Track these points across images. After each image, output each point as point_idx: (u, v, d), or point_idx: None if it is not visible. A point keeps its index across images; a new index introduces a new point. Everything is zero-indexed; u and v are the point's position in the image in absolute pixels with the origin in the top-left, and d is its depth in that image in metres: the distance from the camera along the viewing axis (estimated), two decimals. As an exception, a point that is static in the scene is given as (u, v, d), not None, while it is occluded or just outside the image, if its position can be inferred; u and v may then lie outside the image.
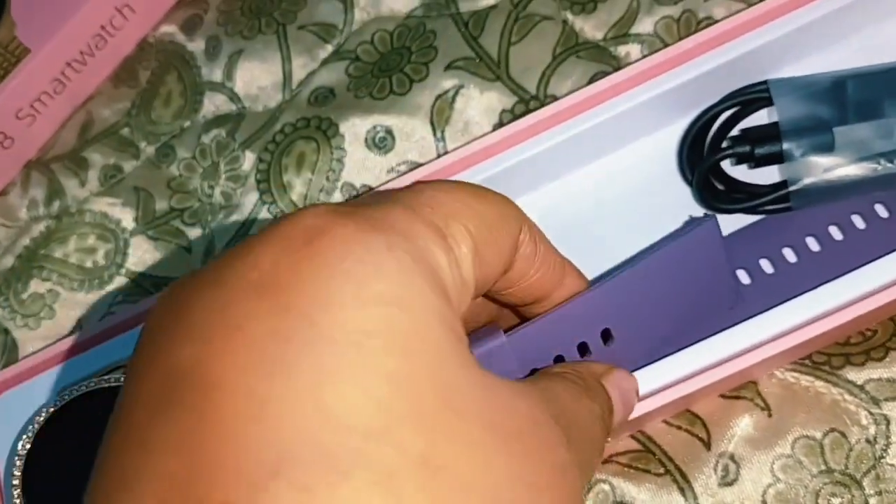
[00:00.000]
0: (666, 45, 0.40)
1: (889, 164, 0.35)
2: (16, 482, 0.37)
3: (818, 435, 0.35)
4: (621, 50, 0.41)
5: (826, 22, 0.37)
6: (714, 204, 0.37)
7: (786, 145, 0.36)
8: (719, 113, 0.38)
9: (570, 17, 0.42)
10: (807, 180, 0.36)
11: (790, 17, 0.37)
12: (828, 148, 0.36)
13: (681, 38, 0.40)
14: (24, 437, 0.37)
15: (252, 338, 0.18)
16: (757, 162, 0.37)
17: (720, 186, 0.38)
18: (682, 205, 0.38)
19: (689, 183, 0.38)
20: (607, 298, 0.29)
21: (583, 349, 0.30)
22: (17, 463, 0.37)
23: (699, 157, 0.38)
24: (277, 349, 0.18)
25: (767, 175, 0.37)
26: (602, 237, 0.39)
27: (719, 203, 0.37)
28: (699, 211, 0.38)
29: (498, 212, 0.24)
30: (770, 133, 0.37)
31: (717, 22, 0.40)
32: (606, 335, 0.30)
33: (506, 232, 0.24)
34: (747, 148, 0.37)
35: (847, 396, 0.35)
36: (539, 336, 0.28)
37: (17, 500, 0.37)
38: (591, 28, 0.42)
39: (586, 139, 0.38)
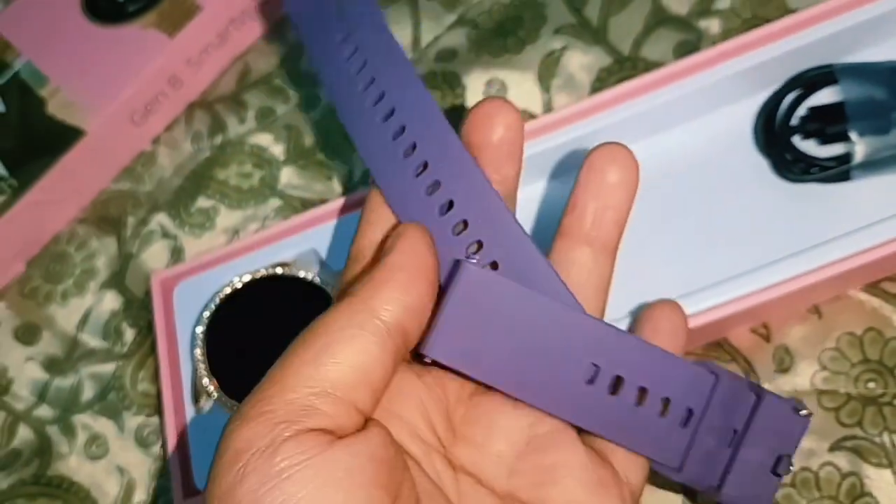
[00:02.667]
0: (741, 19, 0.47)
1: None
2: (199, 342, 0.44)
3: (859, 332, 0.41)
4: (702, 23, 0.48)
5: (885, 19, 0.43)
6: (785, 174, 0.43)
7: (850, 127, 0.42)
8: (787, 93, 0.44)
9: (659, -6, 0.49)
10: (866, 157, 0.41)
11: (853, 14, 0.43)
12: (885, 130, 0.41)
13: (754, 14, 0.47)
14: (209, 308, 0.44)
15: None
16: (825, 139, 0.43)
17: (790, 158, 0.43)
18: (756, 172, 0.44)
19: (764, 153, 0.44)
20: None
21: None
22: (201, 329, 0.44)
23: (772, 132, 0.44)
24: None
25: (826, 149, 0.43)
26: (682, 195, 0.44)
27: (790, 173, 0.43)
28: (773, 179, 0.44)
29: None
30: (837, 114, 0.42)
31: (785, 1, 0.46)
32: None
33: None
34: (818, 126, 0.43)
35: (885, 304, 0.41)
36: None
37: (201, 360, 0.43)
38: (677, 4, 0.48)
39: (673, 106, 0.44)
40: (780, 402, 0.33)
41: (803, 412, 0.34)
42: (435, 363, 0.31)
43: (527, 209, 0.45)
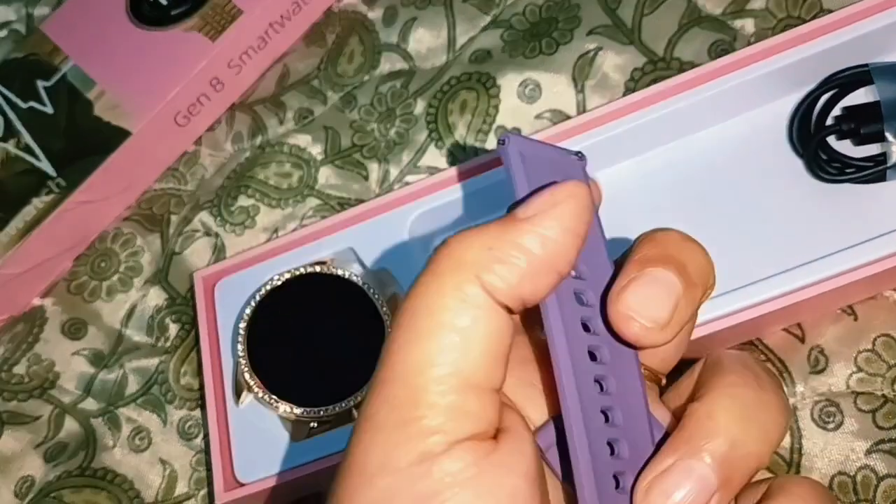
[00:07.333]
0: (776, 19, 0.45)
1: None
2: (241, 339, 0.43)
3: (895, 333, 0.39)
4: (737, 23, 0.46)
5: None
6: (820, 174, 0.41)
7: (886, 127, 0.39)
8: (822, 93, 0.42)
9: (694, -5, 0.47)
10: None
11: (889, 13, 0.41)
12: None
13: (789, 13, 0.45)
14: (250, 305, 0.43)
15: None
16: (861, 139, 0.41)
17: (825, 158, 0.41)
18: (791, 172, 0.42)
19: (799, 154, 0.42)
20: None
21: None
22: (243, 325, 0.43)
23: (807, 132, 0.42)
24: None
25: (862, 149, 0.41)
26: (716, 195, 0.42)
27: (825, 173, 0.41)
28: (808, 179, 0.41)
29: None
30: (872, 114, 0.40)
31: (819, 1, 0.45)
32: None
33: None
34: (853, 126, 0.41)
35: (921, 305, 0.39)
36: None
37: (242, 356, 0.43)
38: (711, 4, 0.46)
39: (707, 106, 0.43)
40: None
41: None
42: None
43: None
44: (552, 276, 0.24)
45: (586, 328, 0.26)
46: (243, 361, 0.42)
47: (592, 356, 0.26)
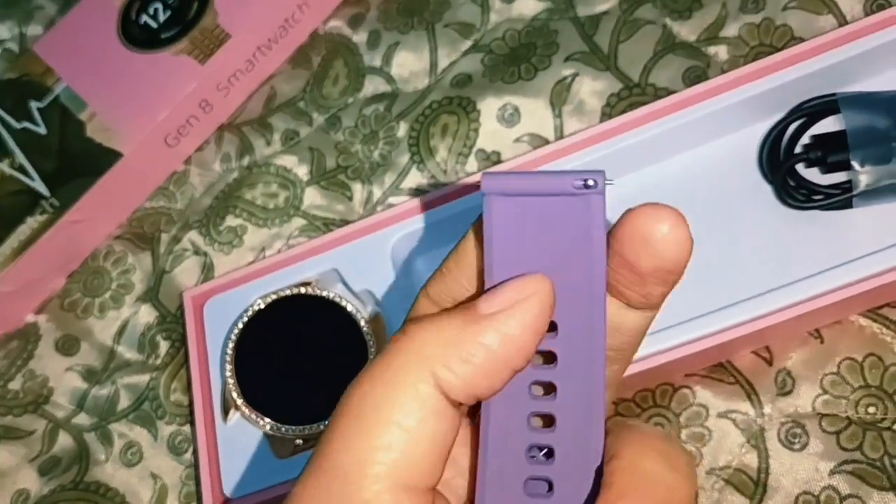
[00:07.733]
0: (749, 46, 0.46)
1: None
2: (229, 359, 0.44)
3: (859, 358, 0.40)
4: (711, 50, 0.47)
5: (887, 49, 0.42)
6: (788, 201, 0.42)
7: (852, 156, 0.41)
8: (792, 122, 0.43)
9: (669, 22, 0.48)
10: (867, 186, 0.41)
11: (857, 44, 0.42)
12: (886, 159, 0.40)
13: (761, 41, 0.46)
14: (237, 326, 0.44)
15: None
16: (828, 167, 0.42)
17: (793, 185, 0.42)
18: (760, 198, 0.43)
19: (768, 181, 0.43)
20: None
21: None
22: (230, 345, 0.44)
23: (776, 159, 0.43)
24: None
25: (829, 177, 0.42)
26: (687, 220, 0.43)
27: (793, 200, 0.42)
28: (776, 206, 0.43)
29: None
30: (839, 142, 0.41)
31: (791, 29, 0.46)
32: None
33: None
34: (820, 154, 0.42)
35: (884, 329, 0.40)
36: None
37: (230, 376, 0.44)
38: (686, 31, 0.48)
39: (681, 132, 0.44)
40: None
41: None
42: None
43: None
44: (507, 372, 0.24)
45: (551, 389, 0.25)
46: (231, 381, 0.43)
47: (549, 419, 0.25)
